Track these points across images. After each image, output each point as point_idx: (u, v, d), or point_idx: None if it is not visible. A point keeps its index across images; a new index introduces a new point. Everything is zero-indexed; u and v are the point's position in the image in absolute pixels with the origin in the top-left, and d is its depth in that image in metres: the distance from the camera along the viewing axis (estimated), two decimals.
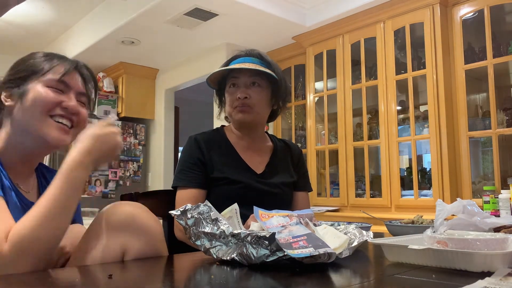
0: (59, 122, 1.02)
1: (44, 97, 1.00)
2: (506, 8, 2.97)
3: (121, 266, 0.89)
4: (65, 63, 1.06)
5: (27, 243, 0.82)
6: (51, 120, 1.01)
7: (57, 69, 1.04)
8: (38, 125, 1.00)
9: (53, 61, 1.05)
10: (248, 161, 1.48)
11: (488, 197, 2.56)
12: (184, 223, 0.90)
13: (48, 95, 1.00)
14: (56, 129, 1.01)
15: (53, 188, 0.89)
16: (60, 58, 1.07)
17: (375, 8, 3.36)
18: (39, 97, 1.00)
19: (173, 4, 3.33)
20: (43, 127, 1.00)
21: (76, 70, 1.07)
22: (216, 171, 1.42)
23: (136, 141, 4.95)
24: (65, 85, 1.04)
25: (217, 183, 1.42)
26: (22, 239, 0.82)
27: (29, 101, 1.00)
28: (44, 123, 1.00)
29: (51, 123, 1.01)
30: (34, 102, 1.00)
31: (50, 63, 1.04)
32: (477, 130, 2.99)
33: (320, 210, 3.46)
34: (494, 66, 2.87)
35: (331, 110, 3.73)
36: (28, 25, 4.33)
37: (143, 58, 4.68)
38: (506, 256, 0.73)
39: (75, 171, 0.91)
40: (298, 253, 0.77)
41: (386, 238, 0.99)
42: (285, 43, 4.12)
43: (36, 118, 1.00)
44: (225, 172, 1.42)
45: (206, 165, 1.43)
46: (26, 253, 0.82)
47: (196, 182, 1.41)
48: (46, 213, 0.85)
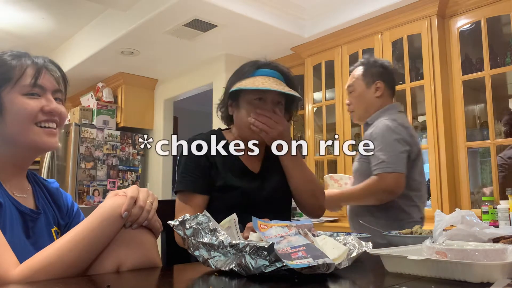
0: (45, 127, 1.01)
1: (25, 109, 0.98)
2: (502, 20, 3.00)
3: (119, 277, 0.89)
4: (32, 63, 1.01)
5: (39, 276, 0.82)
6: (37, 128, 1.00)
7: (27, 72, 1.00)
8: (25, 135, 0.99)
9: (21, 65, 1.00)
10: (246, 162, 1.47)
11: (487, 208, 2.55)
12: (183, 233, 0.89)
13: (29, 105, 0.98)
14: (44, 135, 1.01)
15: (83, 226, 0.89)
16: (24, 58, 1.02)
17: (373, 19, 3.39)
18: (20, 110, 0.97)
19: (173, 15, 3.36)
20: (30, 136, 0.99)
21: (45, 68, 1.03)
22: (217, 176, 1.41)
23: (134, 151, 4.94)
24: (40, 88, 1.01)
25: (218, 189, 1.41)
26: (34, 273, 0.82)
27: (10, 115, 0.97)
28: (31, 132, 0.99)
29: (37, 131, 1.00)
30: (16, 115, 0.97)
31: (19, 68, 1.00)
32: (475, 140, 3.00)
33: (319, 220, 3.45)
34: (492, 77, 2.89)
35: (330, 120, 3.74)
36: (28, 36, 4.36)
37: (142, 69, 4.70)
38: (505, 267, 0.72)
39: (111, 217, 0.90)
40: (297, 264, 0.76)
41: (385, 249, 0.99)
42: (284, 54, 4.15)
43: (22, 130, 0.98)
44: (226, 177, 1.41)
45: (211, 168, 1.41)
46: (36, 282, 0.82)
47: (198, 187, 1.39)
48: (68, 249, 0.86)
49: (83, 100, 5.03)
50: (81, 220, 1.13)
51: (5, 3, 3.75)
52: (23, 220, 0.98)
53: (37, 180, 1.12)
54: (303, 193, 1.47)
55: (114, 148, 4.77)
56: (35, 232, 1.00)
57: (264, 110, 1.39)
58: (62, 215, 1.12)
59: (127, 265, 0.92)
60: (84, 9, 3.90)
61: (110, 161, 4.73)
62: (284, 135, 1.40)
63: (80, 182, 4.47)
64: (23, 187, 1.05)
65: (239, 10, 3.33)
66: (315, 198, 1.49)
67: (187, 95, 4.86)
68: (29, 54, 1.04)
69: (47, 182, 1.13)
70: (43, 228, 1.02)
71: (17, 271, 0.82)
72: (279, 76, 1.44)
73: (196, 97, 4.93)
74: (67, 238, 0.87)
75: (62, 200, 1.13)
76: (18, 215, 0.97)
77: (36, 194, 1.06)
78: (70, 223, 1.13)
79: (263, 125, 1.37)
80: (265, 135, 1.39)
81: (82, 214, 1.19)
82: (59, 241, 0.87)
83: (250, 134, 1.42)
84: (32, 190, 1.07)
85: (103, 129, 4.72)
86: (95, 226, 0.89)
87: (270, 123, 1.38)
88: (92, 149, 4.59)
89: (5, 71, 0.99)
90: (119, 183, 4.76)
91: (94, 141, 4.62)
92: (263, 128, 1.38)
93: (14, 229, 0.94)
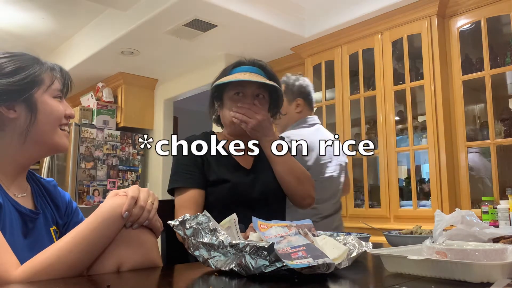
0: (64, 130, 1.07)
1: (57, 111, 1.04)
2: (502, 20, 3.00)
3: (119, 277, 0.89)
4: (57, 72, 1.08)
5: (39, 277, 0.83)
6: (60, 130, 1.05)
7: (58, 76, 1.07)
8: (52, 137, 1.04)
9: (52, 69, 1.07)
10: (238, 159, 1.50)
11: (487, 208, 2.55)
12: (183, 233, 0.89)
13: (59, 108, 1.04)
14: (65, 137, 1.07)
15: (84, 227, 0.89)
16: (48, 62, 1.08)
17: (373, 19, 3.38)
18: (53, 112, 1.03)
19: (173, 15, 3.36)
20: (56, 137, 1.04)
21: (66, 74, 1.11)
22: (210, 172, 1.43)
23: (134, 151, 4.94)
24: (62, 93, 1.08)
25: (211, 184, 1.43)
26: (35, 274, 0.82)
27: (43, 115, 1.01)
28: (56, 134, 1.04)
29: (61, 133, 1.06)
30: (48, 117, 1.02)
31: (51, 73, 1.05)
32: (475, 140, 3.00)
33: None
34: (492, 77, 2.89)
35: (330, 120, 3.74)
36: (28, 36, 4.36)
37: (142, 69, 4.70)
38: (505, 267, 0.72)
39: (111, 217, 0.91)
40: (297, 264, 0.76)
41: (385, 249, 0.99)
42: (284, 54, 4.15)
43: (50, 131, 1.03)
44: (218, 172, 1.43)
45: (203, 164, 1.44)
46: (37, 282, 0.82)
47: (195, 182, 1.41)
48: (68, 250, 0.86)
49: (83, 100, 5.03)
50: (79, 219, 1.14)
51: (5, 3, 3.75)
52: (22, 221, 0.98)
53: (35, 179, 1.13)
54: (289, 182, 1.49)
55: (114, 148, 4.77)
56: (34, 233, 1.00)
57: (244, 103, 1.44)
58: (60, 214, 1.12)
59: (128, 265, 0.92)
60: (84, 9, 3.90)
61: (110, 161, 4.73)
62: (263, 125, 1.45)
63: (80, 182, 4.47)
64: (23, 187, 1.05)
65: (239, 10, 3.33)
66: (301, 185, 1.50)
67: (187, 95, 4.86)
68: (53, 63, 1.10)
69: (45, 181, 1.14)
70: (42, 228, 1.03)
71: (18, 272, 0.82)
72: (257, 71, 1.48)
73: (196, 97, 4.92)
74: (68, 238, 0.87)
75: (60, 199, 1.14)
76: (18, 216, 0.97)
77: (35, 193, 1.07)
78: (69, 222, 1.13)
79: (242, 115, 1.43)
80: (245, 125, 1.44)
81: (81, 212, 1.20)
82: (59, 242, 0.87)
83: (234, 128, 1.48)
84: (31, 190, 1.07)
85: (103, 129, 4.72)
86: (95, 226, 0.89)
87: (249, 113, 1.43)
88: (92, 149, 4.59)
89: (39, 73, 1.03)
90: (119, 183, 4.76)
91: (94, 141, 4.62)
92: (242, 119, 1.43)
93: (14, 230, 0.94)
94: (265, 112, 1.48)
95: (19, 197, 1.02)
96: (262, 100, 1.49)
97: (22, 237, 0.97)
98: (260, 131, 1.45)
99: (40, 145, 1.03)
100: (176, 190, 1.43)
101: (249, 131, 1.45)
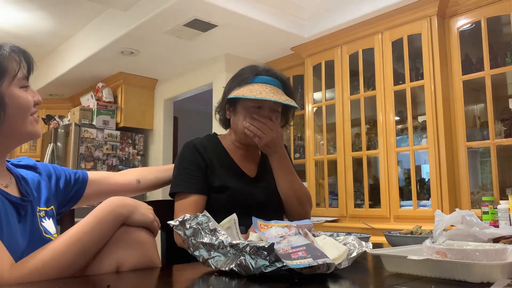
0: (33, 115, 1.03)
1: (27, 101, 1.00)
2: (502, 20, 3.00)
3: (119, 277, 0.89)
4: (21, 54, 1.01)
5: (33, 277, 0.82)
6: (30, 117, 1.02)
7: (21, 65, 1.00)
8: (24, 126, 1.00)
9: (16, 57, 1.00)
10: (242, 166, 1.49)
11: (487, 208, 2.55)
12: (183, 233, 0.89)
13: (28, 98, 1.00)
14: (36, 123, 1.04)
15: (79, 228, 0.89)
16: (13, 50, 1.00)
17: (373, 19, 3.38)
18: (22, 104, 0.99)
19: (173, 15, 3.36)
20: (28, 127, 1.01)
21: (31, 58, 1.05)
22: (214, 177, 1.43)
23: (134, 151, 4.94)
24: (27, 80, 1.03)
25: (214, 190, 1.42)
26: (28, 274, 0.82)
27: (12, 109, 0.97)
28: (28, 123, 1.01)
29: (31, 120, 1.02)
30: (18, 110, 0.98)
31: (16, 61, 0.99)
32: (475, 140, 2.99)
33: (319, 220, 3.45)
34: (492, 77, 2.89)
35: (330, 120, 3.74)
36: (28, 36, 4.36)
37: (142, 68, 4.70)
38: (505, 267, 0.72)
39: (107, 219, 0.92)
40: (297, 264, 0.76)
41: (385, 249, 0.99)
42: (284, 54, 4.15)
43: (22, 121, 1.00)
44: (222, 178, 1.43)
45: (207, 169, 1.43)
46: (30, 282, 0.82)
47: (197, 188, 1.40)
48: (62, 251, 0.86)
49: (83, 100, 5.02)
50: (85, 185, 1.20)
51: (5, 3, 3.75)
52: (16, 210, 0.97)
53: (12, 167, 1.11)
54: (291, 202, 1.48)
55: (114, 148, 4.77)
56: (27, 219, 1.00)
57: (259, 116, 1.42)
58: (50, 197, 1.12)
59: (127, 265, 0.92)
60: (84, 9, 3.90)
61: (110, 161, 4.73)
62: (276, 142, 1.42)
63: None
64: (6, 176, 1.04)
65: (239, 10, 3.33)
66: (302, 206, 1.50)
67: (187, 95, 4.85)
68: (15, 45, 1.03)
69: (21, 171, 1.11)
70: (32, 213, 1.02)
71: (12, 272, 0.81)
72: (277, 84, 1.45)
73: (196, 97, 4.92)
74: (62, 239, 0.87)
75: (42, 186, 1.12)
76: (10, 205, 0.96)
77: (19, 181, 1.05)
78: (72, 192, 1.21)
79: (257, 130, 1.40)
80: (258, 140, 1.41)
81: (87, 174, 1.25)
82: (54, 242, 0.87)
83: (244, 138, 1.45)
84: (15, 179, 1.06)
85: (103, 129, 4.72)
86: (90, 227, 0.89)
87: (263, 128, 1.40)
88: (92, 149, 4.59)
89: (1, 61, 0.97)
90: None
91: (94, 141, 4.62)
92: (257, 133, 1.40)
93: (11, 220, 0.93)
94: (279, 129, 1.45)
95: (5, 187, 1.00)
96: (277, 114, 1.47)
97: (20, 225, 0.96)
98: (273, 147, 1.43)
99: (13, 136, 1.01)
100: (177, 193, 1.42)
101: (261, 147, 1.44)
